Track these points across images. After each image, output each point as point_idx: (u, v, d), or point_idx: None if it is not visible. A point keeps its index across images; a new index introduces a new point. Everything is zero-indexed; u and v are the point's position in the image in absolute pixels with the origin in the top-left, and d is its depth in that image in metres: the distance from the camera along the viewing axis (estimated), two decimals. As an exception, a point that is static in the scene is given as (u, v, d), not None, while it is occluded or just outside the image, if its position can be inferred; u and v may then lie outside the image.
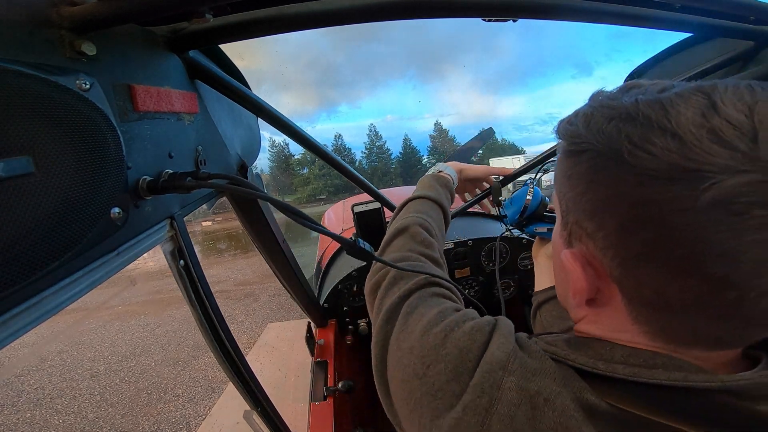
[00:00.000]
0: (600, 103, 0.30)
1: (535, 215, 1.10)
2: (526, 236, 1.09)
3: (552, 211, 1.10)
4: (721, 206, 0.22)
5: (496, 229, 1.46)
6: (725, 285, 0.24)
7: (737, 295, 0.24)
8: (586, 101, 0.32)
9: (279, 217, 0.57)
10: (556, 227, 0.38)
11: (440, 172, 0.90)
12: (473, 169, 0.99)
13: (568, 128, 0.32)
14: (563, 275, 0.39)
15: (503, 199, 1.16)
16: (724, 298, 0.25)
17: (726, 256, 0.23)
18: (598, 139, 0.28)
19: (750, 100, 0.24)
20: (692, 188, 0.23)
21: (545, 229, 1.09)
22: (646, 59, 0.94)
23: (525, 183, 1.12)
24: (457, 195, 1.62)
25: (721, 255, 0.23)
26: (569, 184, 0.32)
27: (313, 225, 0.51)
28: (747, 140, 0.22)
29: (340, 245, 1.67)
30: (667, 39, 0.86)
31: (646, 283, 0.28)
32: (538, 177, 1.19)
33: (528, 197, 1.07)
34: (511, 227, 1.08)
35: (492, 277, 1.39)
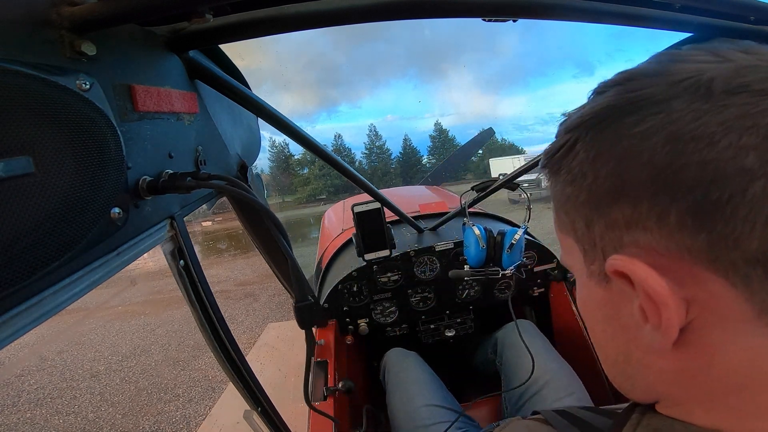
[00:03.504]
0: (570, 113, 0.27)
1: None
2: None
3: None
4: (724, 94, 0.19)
5: (498, 228, 1.47)
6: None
7: None
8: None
9: (280, 216, 0.57)
10: (579, 272, 0.28)
11: None
12: None
13: (549, 148, 0.27)
14: (612, 320, 0.26)
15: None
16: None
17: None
18: (584, 123, 0.24)
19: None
20: (698, 95, 0.20)
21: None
22: (646, 59, 0.94)
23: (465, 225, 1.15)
24: (455, 195, 1.61)
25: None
26: (574, 190, 0.25)
27: (287, 249, 0.55)
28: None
29: (339, 246, 1.67)
30: (668, 38, 0.85)
31: (738, 230, 0.18)
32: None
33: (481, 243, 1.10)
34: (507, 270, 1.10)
35: (497, 277, 1.40)
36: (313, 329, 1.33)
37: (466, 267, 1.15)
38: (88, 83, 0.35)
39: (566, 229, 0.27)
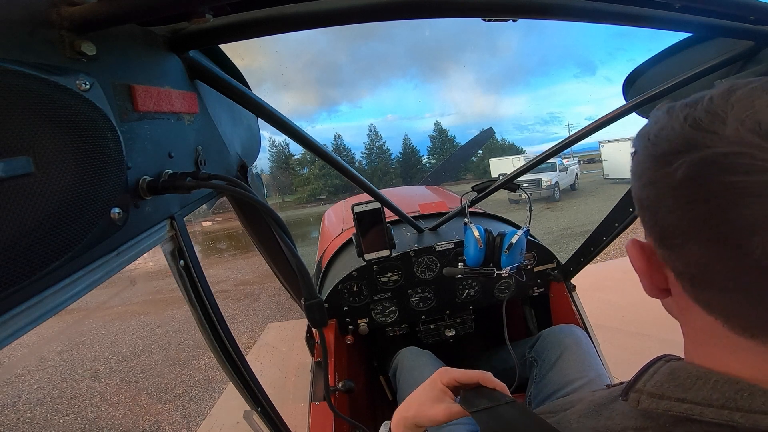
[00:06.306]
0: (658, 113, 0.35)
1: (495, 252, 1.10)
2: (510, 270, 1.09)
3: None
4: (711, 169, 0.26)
5: (498, 228, 1.47)
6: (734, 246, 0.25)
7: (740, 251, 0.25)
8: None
9: (281, 215, 0.57)
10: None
11: None
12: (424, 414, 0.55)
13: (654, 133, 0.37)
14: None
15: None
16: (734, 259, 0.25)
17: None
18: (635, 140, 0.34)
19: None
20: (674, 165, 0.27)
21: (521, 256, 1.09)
22: (646, 59, 0.94)
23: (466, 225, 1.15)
24: (455, 195, 1.61)
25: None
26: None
27: (291, 247, 0.55)
28: (718, 124, 0.26)
29: (339, 246, 1.67)
30: (670, 37, 0.85)
31: (684, 258, 0.29)
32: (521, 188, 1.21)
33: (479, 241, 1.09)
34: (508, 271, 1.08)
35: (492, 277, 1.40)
36: (313, 329, 1.34)
37: (460, 265, 1.14)
38: (87, 83, 0.35)
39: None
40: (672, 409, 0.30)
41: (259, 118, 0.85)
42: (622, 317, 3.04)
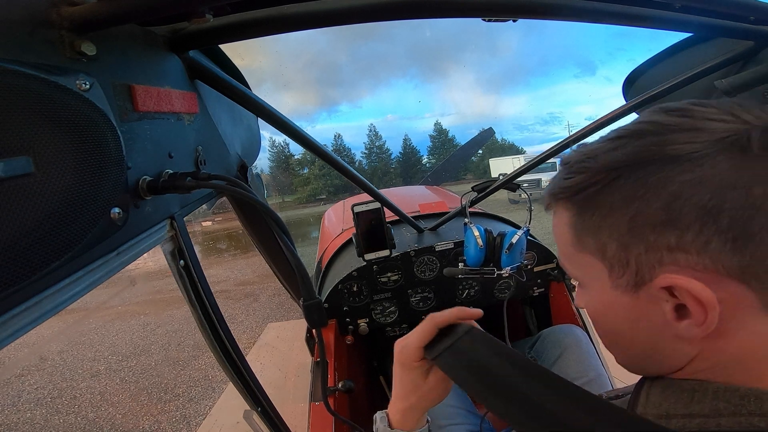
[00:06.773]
0: (587, 148, 0.32)
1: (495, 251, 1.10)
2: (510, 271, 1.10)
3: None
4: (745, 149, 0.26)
5: (498, 228, 1.47)
6: None
7: None
8: (559, 166, 0.34)
9: (280, 215, 0.57)
10: (596, 283, 0.33)
11: None
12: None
13: (576, 179, 0.32)
14: (640, 320, 0.32)
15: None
16: None
17: None
18: (626, 165, 0.29)
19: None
20: (735, 152, 0.26)
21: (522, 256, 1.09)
22: (646, 59, 0.94)
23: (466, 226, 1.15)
24: (455, 195, 1.60)
25: None
26: (612, 220, 0.30)
27: (291, 248, 0.55)
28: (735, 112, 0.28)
29: (339, 246, 1.67)
30: (670, 37, 0.85)
31: (765, 252, 0.25)
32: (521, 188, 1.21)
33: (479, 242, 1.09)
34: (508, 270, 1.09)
35: (492, 277, 1.40)
36: (313, 329, 1.34)
37: (461, 265, 1.14)
38: (87, 83, 0.35)
39: (588, 249, 0.33)
40: (685, 427, 0.29)
41: (259, 118, 0.85)
42: (622, 317, 3.04)
